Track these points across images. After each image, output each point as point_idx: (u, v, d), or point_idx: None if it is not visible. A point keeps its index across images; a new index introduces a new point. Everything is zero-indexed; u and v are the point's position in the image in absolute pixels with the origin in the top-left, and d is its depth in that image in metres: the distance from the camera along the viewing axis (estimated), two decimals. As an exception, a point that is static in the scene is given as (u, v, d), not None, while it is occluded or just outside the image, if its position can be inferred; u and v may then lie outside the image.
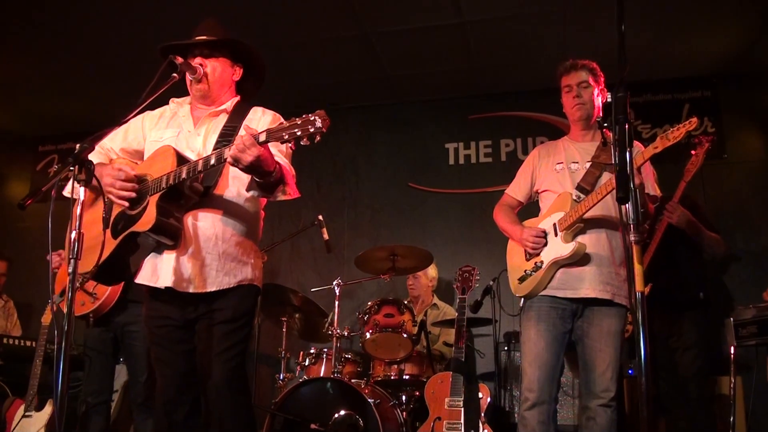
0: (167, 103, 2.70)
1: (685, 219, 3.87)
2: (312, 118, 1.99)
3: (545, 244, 2.97)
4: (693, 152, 3.89)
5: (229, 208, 2.46)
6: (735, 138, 5.31)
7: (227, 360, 2.38)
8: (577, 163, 3.06)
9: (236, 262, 2.46)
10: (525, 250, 3.05)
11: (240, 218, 2.48)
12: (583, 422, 2.89)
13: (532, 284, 2.97)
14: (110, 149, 2.65)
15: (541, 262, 2.95)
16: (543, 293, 2.95)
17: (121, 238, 2.36)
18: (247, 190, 2.39)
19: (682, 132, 2.59)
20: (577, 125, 3.14)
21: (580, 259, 2.87)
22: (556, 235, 2.95)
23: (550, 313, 2.91)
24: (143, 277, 2.44)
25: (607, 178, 2.90)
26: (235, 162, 2.12)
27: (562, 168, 3.09)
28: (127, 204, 2.38)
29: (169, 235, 2.36)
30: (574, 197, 2.95)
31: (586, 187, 2.95)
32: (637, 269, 1.68)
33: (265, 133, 2.08)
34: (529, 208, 3.29)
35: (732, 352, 3.63)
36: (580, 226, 2.90)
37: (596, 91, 3.04)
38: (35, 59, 5.31)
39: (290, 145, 2.09)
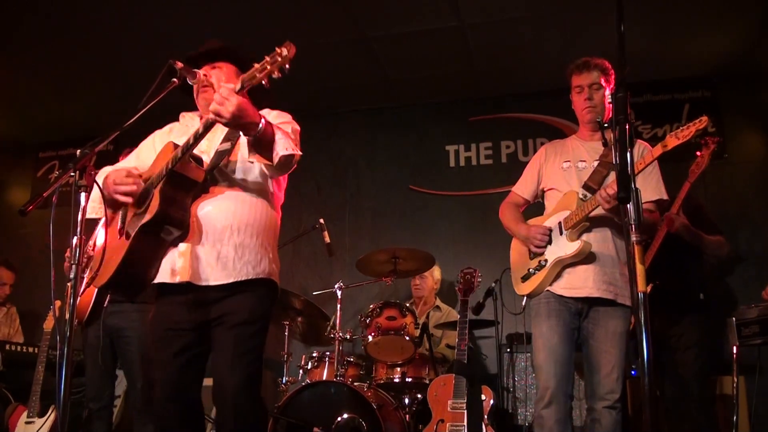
0: (169, 110, 2.67)
1: (684, 230, 3.86)
2: (278, 50, 2.01)
3: (550, 243, 2.95)
4: (698, 153, 3.88)
5: (241, 199, 2.44)
6: (736, 138, 5.31)
7: (247, 365, 2.35)
8: (584, 161, 3.04)
9: (252, 254, 2.42)
10: (529, 249, 3.04)
11: (254, 209, 2.46)
12: (587, 424, 2.87)
13: (535, 283, 2.95)
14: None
15: (545, 260, 2.93)
16: (549, 290, 2.92)
17: (132, 237, 2.31)
18: (248, 155, 2.32)
19: (692, 131, 2.53)
20: (586, 126, 3.11)
21: (584, 258, 2.85)
22: (561, 233, 2.93)
23: (561, 308, 2.89)
24: (161, 276, 2.39)
25: (613, 177, 2.86)
26: (218, 116, 2.09)
27: (569, 166, 3.06)
28: (131, 199, 2.35)
29: (175, 223, 2.31)
30: (581, 196, 2.92)
31: (592, 185, 2.92)
32: (639, 269, 1.68)
33: (240, 82, 2.08)
34: (535, 208, 3.28)
35: (734, 351, 3.62)
36: (585, 225, 2.87)
37: (607, 92, 3.01)
38: (35, 65, 5.32)
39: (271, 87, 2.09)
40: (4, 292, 5.40)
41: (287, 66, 1.99)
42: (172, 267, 2.38)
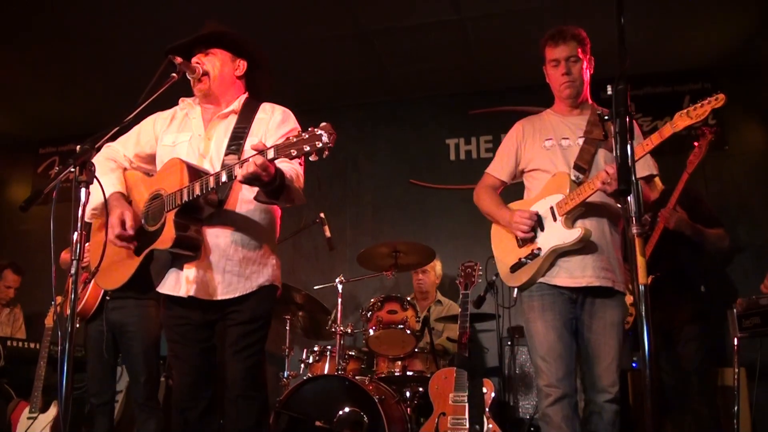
0: (173, 102, 2.68)
1: (683, 225, 3.83)
2: (318, 133, 1.98)
3: (542, 230, 2.74)
4: (696, 143, 3.85)
5: (246, 214, 2.47)
6: (736, 130, 5.30)
7: (246, 357, 2.42)
8: (567, 139, 2.82)
9: (257, 264, 2.47)
10: (516, 237, 2.82)
11: (258, 222, 2.49)
12: (586, 416, 2.76)
13: (528, 273, 2.74)
14: (123, 156, 2.65)
15: (539, 249, 2.71)
16: (543, 281, 2.73)
17: (143, 255, 2.40)
18: (255, 198, 2.39)
19: (707, 110, 2.32)
20: (565, 101, 2.89)
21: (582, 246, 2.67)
22: (555, 219, 2.72)
23: (555, 300, 2.70)
24: (167, 287, 2.45)
25: (603, 155, 2.74)
26: (251, 180, 2.14)
27: (552, 145, 2.84)
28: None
29: (190, 247, 2.38)
30: (573, 178, 2.72)
31: (583, 165, 2.73)
32: (640, 262, 1.66)
33: (273, 149, 2.08)
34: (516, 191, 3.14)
35: (735, 343, 3.62)
36: (581, 210, 2.68)
37: (585, 64, 2.81)
38: (35, 62, 5.31)
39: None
40: (8, 294, 5.42)
41: (326, 153, 1.99)
42: (177, 280, 2.43)
